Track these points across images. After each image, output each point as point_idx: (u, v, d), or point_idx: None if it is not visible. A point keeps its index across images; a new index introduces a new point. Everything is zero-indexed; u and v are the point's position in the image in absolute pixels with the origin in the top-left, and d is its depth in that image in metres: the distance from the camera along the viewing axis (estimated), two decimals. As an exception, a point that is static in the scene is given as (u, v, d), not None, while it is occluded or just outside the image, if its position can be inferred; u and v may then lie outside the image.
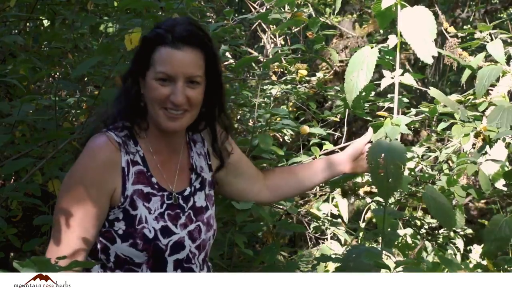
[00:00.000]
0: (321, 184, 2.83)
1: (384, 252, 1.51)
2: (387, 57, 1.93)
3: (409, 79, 1.58)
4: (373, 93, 2.54)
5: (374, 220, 2.71)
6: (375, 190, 2.59)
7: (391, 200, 2.51)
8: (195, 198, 1.56)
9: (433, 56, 1.49)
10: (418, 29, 1.47)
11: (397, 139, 1.54)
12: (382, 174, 1.44)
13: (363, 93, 1.75)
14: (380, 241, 1.68)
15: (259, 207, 1.93)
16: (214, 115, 1.59)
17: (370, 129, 1.78)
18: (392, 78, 1.58)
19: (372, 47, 1.56)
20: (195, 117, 1.52)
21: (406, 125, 1.60)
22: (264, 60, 3.71)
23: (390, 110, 2.21)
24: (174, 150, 1.56)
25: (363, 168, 1.76)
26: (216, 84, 1.54)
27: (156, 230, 1.45)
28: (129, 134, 1.49)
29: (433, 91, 1.63)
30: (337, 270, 1.59)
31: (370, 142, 1.75)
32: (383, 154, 1.45)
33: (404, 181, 1.71)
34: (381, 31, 4.12)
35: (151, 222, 1.44)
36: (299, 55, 2.95)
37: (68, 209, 1.39)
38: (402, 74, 1.58)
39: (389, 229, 1.98)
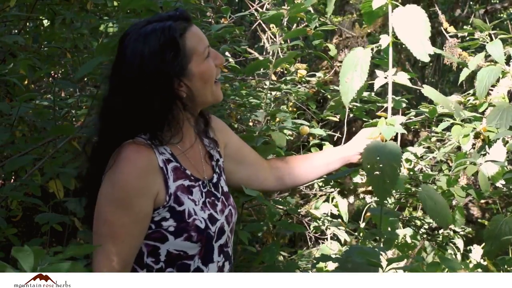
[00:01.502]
0: (322, 185, 2.84)
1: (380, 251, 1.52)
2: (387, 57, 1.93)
3: (403, 79, 1.59)
4: (373, 93, 2.55)
5: (374, 220, 2.71)
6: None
7: (391, 200, 2.51)
8: (221, 183, 1.59)
9: (432, 56, 1.49)
10: (412, 28, 1.47)
11: (395, 140, 1.54)
12: (378, 175, 1.45)
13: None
14: (379, 240, 1.68)
15: (265, 199, 1.91)
16: None
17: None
18: (386, 78, 1.58)
19: (372, 48, 1.57)
20: None
21: (406, 125, 1.61)
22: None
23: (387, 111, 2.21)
24: (193, 141, 1.56)
25: None
26: None
27: (205, 220, 1.46)
28: (151, 136, 1.46)
29: (426, 90, 1.63)
30: (336, 270, 1.60)
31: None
32: (378, 156, 1.45)
33: (400, 180, 1.72)
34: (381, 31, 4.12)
35: (199, 213, 1.45)
36: (299, 53, 2.95)
37: (115, 221, 1.37)
38: (396, 74, 1.58)
39: (388, 229, 1.99)
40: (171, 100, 1.43)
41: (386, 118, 1.59)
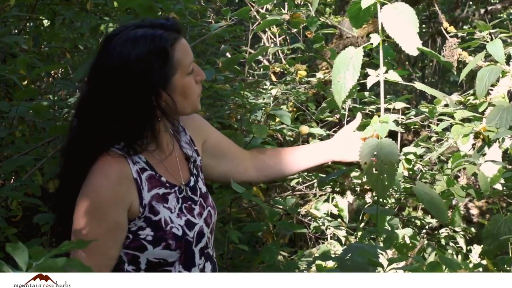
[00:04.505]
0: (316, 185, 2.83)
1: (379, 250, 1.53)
2: (387, 57, 1.94)
3: (394, 76, 1.61)
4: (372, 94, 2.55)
5: (373, 219, 2.71)
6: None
7: (391, 200, 2.51)
8: (198, 185, 1.58)
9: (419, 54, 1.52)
10: (401, 24, 1.52)
11: (395, 140, 1.56)
12: (376, 172, 1.46)
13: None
14: (378, 239, 1.69)
15: (249, 194, 1.89)
16: None
17: (359, 115, 1.79)
18: (377, 76, 1.61)
19: (364, 47, 1.59)
20: None
21: (406, 125, 1.62)
22: (264, 60, 3.71)
23: (388, 111, 2.21)
24: (171, 148, 1.55)
25: (352, 156, 1.73)
26: None
27: (182, 226, 1.46)
28: (126, 144, 1.44)
29: (418, 85, 1.67)
30: (335, 269, 1.60)
31: (358, 128, 1.76)
32: (375, 152, 1.47)
33: (396, 179, 1.74)
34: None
35: (175, 220, 1.45)
36: (298, 55, 2.95)
37: (88, 233, 1.35)
38: (387, 72, 1.61)
39: (388, 228, 2.00)
40: (150, 108, 1.41)
41: (374, 115, 1.62)
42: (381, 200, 1.78)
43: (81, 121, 1.44)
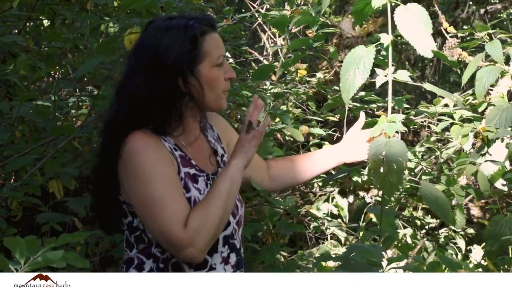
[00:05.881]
0: (321, 185, 2.84)
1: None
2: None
3: (404, 76, 1.61)
4: (372, 93, 2.55)
5: (374, 219, 2.71)
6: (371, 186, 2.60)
7: (392, 199, 2.51)
8: None
9: (433, 56, 1.51)
10: (415, 26, 1.51)
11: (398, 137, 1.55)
12: (384, 172, 1.46)
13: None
14: (380, 239, 1.69)
15: (269, 197, 1.92)
16: None
17: (362, 114, 1.79)
18: (386, 76, 1.60)
19: (369, 47, 1.58)
20: None
21: (406, 125, 1.62)
22: (264, 60, 3.71)
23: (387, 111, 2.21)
24: (196, 136, 1.57)
25: (362, 155, 1.73)
26: None
27: None
28: (155, 126, 1.47)
29: (428, 85, 1.67)
30: (337, 269, 1.60)
31: (364, 127, 1.76)
32: (383, 152, 1.46)
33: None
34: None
35: None
36: (298, 53, 2.95)
37: (152, 193, 1.36)
38: (395, 72, 1.60)
39: (390, 229, 1.99)
40: (177, 93, 1.46)
41: (386, 116, 1.60)
42: (387, 199, 1.77)
43: (117, 101, 1.50)
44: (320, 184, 2.83)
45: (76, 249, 2.20)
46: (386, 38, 1.58)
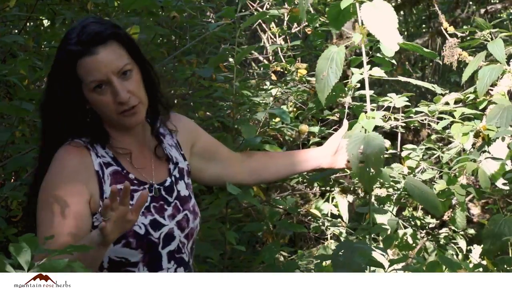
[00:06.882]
0: (322, 184, 2.83)
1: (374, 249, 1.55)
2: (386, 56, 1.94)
3: (378, 72, 1.64)
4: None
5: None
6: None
7: (391, 201, 2.51)
8: (178, 187, 1.56)
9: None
10: (381, 20, 1.55)
11: (396, 139, 1.57)
12: (363, 165, 1.49)
13: (333, 93, 1.79)
14: (375, 237, 1.70)
15: (246, 194, 1.91)
16: (156, 96, 1.56)
17: (345, 122, 1.80)
18: (361, 74, 1.64)
19: (346, 46, 1.63)
20: (146, 102, 1.50)
21: (406, 124, 1.65)
22: (264, 60, 3.71)
23: (388, 109, 2.21)
24: (143, 144, 1.55)
25: (340, 163, 1.77)
26: (144, 61, 1.52)
27: (145, 225, 1.44)
28: (92, 140, 1.48)
29: (402, 78, 1.74)
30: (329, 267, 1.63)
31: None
32: (361, 146, 1.50)
33: (385, 173, 1.77)
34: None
35: (139, 218, 1.40)
36: (298, 52, 2.95)
37: (44, 221, 1.37)
38: (371, 69, 1.63)
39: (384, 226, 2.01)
40: (80, 105, 1.47)
41: (362, 113, 1.65)
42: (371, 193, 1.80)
43: (41, 114, 1.53)
44: (321, 184, 2.83)
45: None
46: (357, 37, 1.62)
